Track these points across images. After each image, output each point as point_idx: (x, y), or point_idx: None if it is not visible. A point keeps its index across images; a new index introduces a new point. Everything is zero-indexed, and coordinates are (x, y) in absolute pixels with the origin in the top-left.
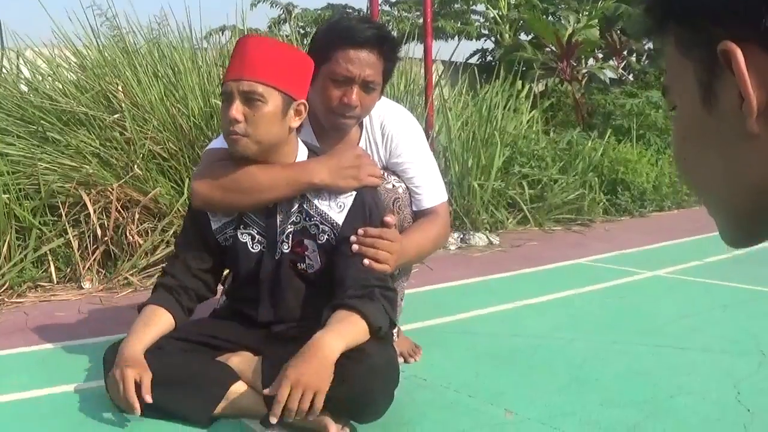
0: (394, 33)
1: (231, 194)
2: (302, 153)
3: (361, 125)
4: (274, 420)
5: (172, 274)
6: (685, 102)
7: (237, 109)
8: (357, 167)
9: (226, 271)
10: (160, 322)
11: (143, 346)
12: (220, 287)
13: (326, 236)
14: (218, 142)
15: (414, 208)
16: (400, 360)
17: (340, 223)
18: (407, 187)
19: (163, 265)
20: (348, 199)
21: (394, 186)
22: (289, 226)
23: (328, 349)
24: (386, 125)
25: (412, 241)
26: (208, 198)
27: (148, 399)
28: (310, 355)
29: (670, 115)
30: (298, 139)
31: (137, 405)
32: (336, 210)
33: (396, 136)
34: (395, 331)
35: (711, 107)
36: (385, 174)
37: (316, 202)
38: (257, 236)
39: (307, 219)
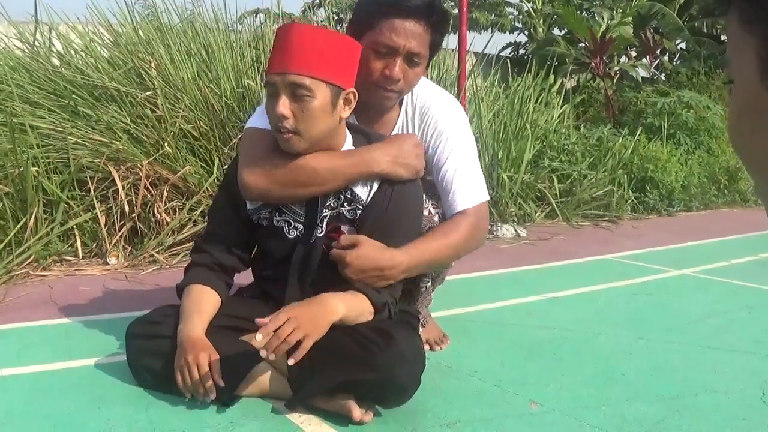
0: None
1: (289, 189)
2: (348, 139)
3: (400, 105)
4: (259, 339)
5: (206, 250)
6: (744, 77)
7: (284, 105)
8: (417, 156)
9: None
10: (210, 301)
11: (203, 328)
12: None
13: (357, 212)
14: (258, 120)
15: (445, 209)
16: (427, 347)
17: (364, 198)
18: (442, 180)
19: (195, 240)
20: (375, 183)
21: (430, 213)
22: (325, 211)
23: (331, 306)
24: (428, 111)
25: (423, 248)
26: (264, 192)
27: (221, 382)
28: (312, 303)
29: (729, 88)
30: (345, 124)
31: (214, 388)
32: (362, 187)
33: (437, 125)
34: (424, 317)
35: None
36: (425, 197)
37: (352, 186)
38: (293, 222)
39: (344, 204)
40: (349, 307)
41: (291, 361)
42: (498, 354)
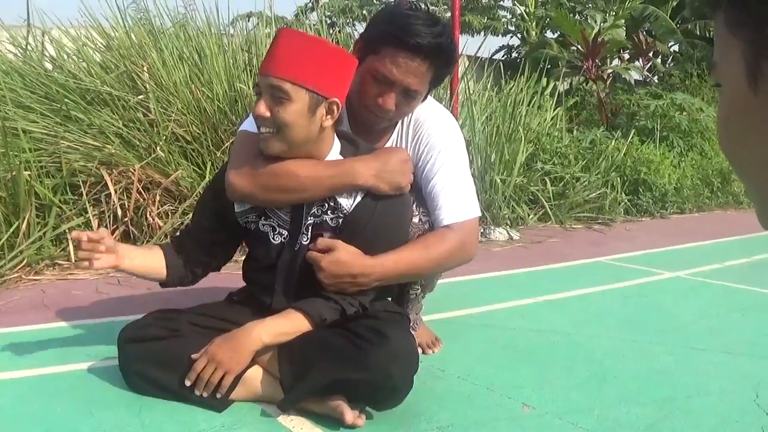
0: None
1: (272, 193)
2: (336, 147)
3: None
4: (188, 383)
5: (181, 243)
6: (731, 81)
7: (263, 106)
8: (403, 173)
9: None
10: (153, 254)
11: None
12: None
13: (340, 220)
14: (250, 125)
15: (432, 223)
16: (419, 351)
17: (347, 208)
18: (430, 193)
19: (176, 234)
20: (359, 194)
21: (421, 220)
22: (310, 218)
23: (252, 337)
24: (422, 125)
25: (400, 259)
26: (248, 195)
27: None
28: (233, 338)
29: (717, 91)
30: (333, 132)
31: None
32: (346, 196)
33: (430, 139)
34: (415, 321)
35: (757, 88)
36: (414, 205)
37: (336, 196)
38: (278, 228)
39: (327, 212)
40: (277, 331)
41: (218, 395)
42: (490, 357)
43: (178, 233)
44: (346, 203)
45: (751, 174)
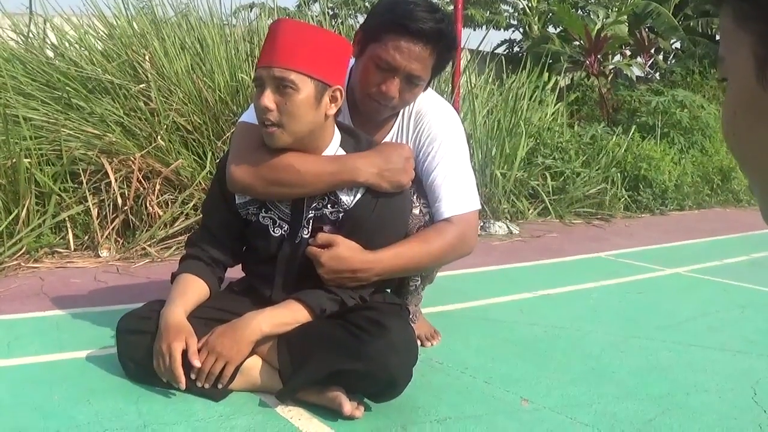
0: None
1: (272, 187)
2: (336, 138)
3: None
4: (192, 376)
5: (199, 245)
6: (739, 75)
7: (268, 98)
8: (404, 171)
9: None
10: (197, 289)
11: (185, 311)
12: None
13: (340, 215)
14: (250, 116)
15: (432, 215)
16: (418, 343)
17: (348, 203)
18: (430, 186)
19: (190, 234)
20: (360, 190)
21: (421, 211)
22: (310, 212)
23: (252, 327)
24: (423, 117)
25: (400, 253)
26: (248, 188)
27: (197, 363)
28: (233, 328)
29: (723, 85)
30: (334, 123)
31: (183, 379)
32: (347, 192)
33: (431, 131)
34: (414, 313)
35: (766, 81)
36: (415, 196)
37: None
38: (278, 221)
39: (327, 206)
40: (277, 321)
41: (219, 386)
42: (489, 351)
43: (192, 242)
44: (347, 199)
45: (757, 169)
